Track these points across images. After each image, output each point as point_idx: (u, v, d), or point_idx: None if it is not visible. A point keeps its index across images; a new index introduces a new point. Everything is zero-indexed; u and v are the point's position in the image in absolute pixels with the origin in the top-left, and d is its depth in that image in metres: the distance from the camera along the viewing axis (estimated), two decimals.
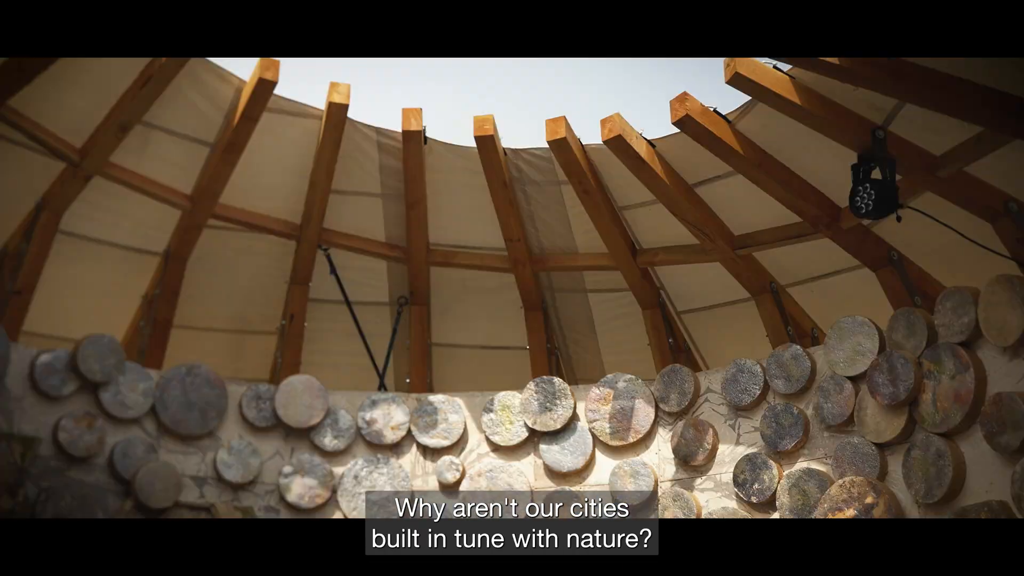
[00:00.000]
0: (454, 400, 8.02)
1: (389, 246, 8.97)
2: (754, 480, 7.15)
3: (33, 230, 7.78)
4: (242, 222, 8.58)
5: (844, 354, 6.99)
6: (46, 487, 6.90)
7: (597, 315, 9.29)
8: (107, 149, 7.68)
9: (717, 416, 7.54)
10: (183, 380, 7.57)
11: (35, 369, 7.12)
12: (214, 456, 7.51)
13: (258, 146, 8.09)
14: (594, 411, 7.78)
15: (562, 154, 7.95)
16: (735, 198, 7.87)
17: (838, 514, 6.59)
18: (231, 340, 9.16)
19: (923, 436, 6.43)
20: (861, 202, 6.56)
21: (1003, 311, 6.09)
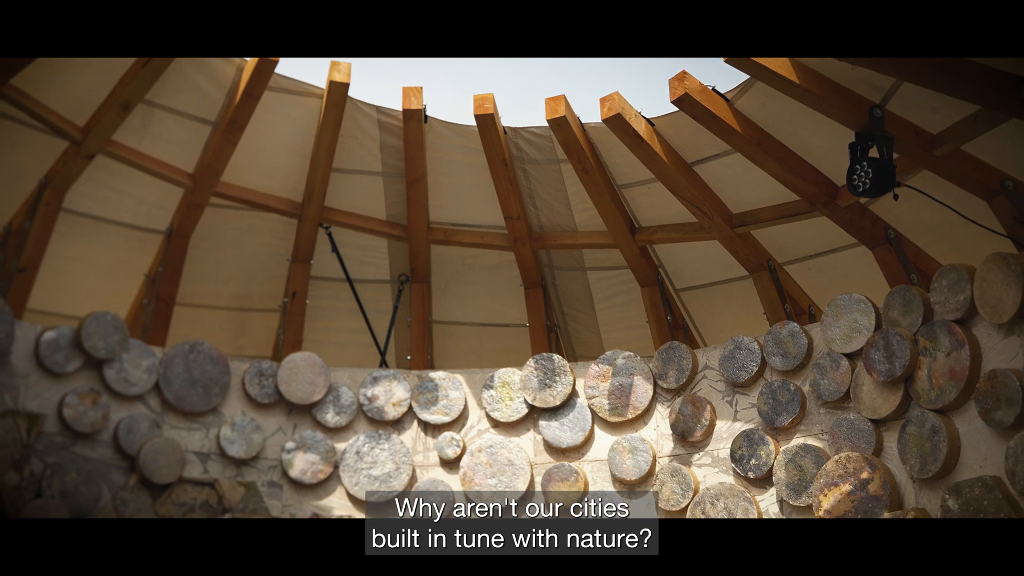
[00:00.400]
0: (454, 377, 8.06)
1: (390, 224, 9.00)
2: (751, 456, 7.20)
3: (37, 208, 7.82)
4: (244, 200, 8.61)
5: (841, 331, 7.04)
6: (52, 462, 6.94)
7: (596, 293, 9.33)
8: (109, 128, 7.71)
9: (715, 392, 7.58)
10: (186, 357, 7.61)
11: (40, 346, 7.15)
12: (217, 432, 7.55)
13: (259, 125, 8.12)
14: (593, 388, 7.83)
15: (561, 133, 7.98)
16: (733, 176, 7.91)
17: (834, 489, 6.65)
18: (233, 318, 9.21)
19: (918, 412, 6.48)
20: (859, 180, 6.58)
21: (998, 289, 6.12)
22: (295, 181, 8.63)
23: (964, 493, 5.99)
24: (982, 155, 6.71)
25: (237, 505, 7.36)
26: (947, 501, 6.07)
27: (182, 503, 7.26)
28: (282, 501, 7.54)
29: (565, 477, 7.56)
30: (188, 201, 8.42)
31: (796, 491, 6.92)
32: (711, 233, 8.25)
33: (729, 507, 7.12)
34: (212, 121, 8.12)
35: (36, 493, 6.82)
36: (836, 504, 6.62)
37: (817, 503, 6.70)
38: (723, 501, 7.15)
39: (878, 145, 6.62)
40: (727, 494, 7.16)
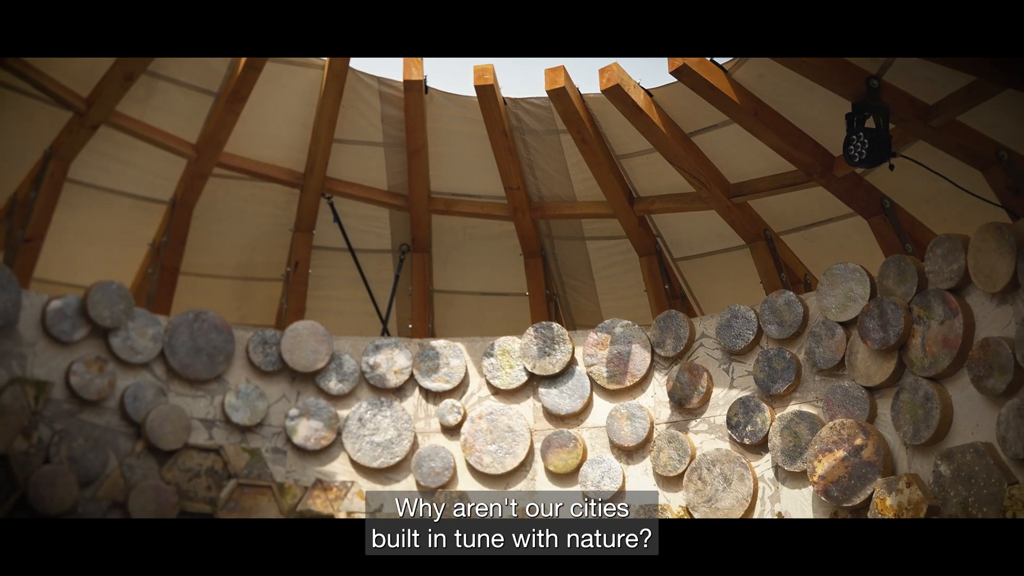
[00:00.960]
0: (455, 345, 8.10)
1: (391, 194, 9.05)
2: (747, 422, 7.26)
3: (42, 179, 7.87)
4: (246, 171, 8.66)
5: (836, 300, 7.08)
6: (59, 429, 7.02)
7: (595, 262, 9.39)
8: (113, 98, 7.75)
9: (711, 360, 7.64)
10: (191, 326, 7.66)
11: (46, 315, 7.19)
12: (222, 399, 7.62)
13: (262, 96, 8.16)
14: (592, 355, 7.89)
15: (561, 103, 8.02)
16: (731, 147, 7.95)
17: (828, 455, 6.73)
18: (237, 287, 9.28)
19: (912, 380, 6.54)
20: (855, 151, 6.60)
21: (992, 258, 6.16)
22: (297, 152, 8.68)
23: (956, 459, 6.07)
24: (977, 126, 6.74)
25: (242, 471, 7.46)
26: (939, 467, 6.16)
27: (188, 469, 7.36)
28: (286, 467, 7.62)
29: (564, 443, 7.65)
30: (191, 171, 8.47)
31: (791, 457, 6.99)
32: (709, 203, 8.30)
33: (725, 472, 7.21)
34: (214, 92, 8.17)
35: (44, 459, 6.90)
36: (830, 469, 6.70)
37: (812, 469, 6.78)
38: (719, 467, 7.24)
39: (874, 116, 6.64)
40: (723, 460, 7.25)
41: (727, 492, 7.17)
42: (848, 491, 6.62)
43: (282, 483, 7.54)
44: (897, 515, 6.27)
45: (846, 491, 6.62)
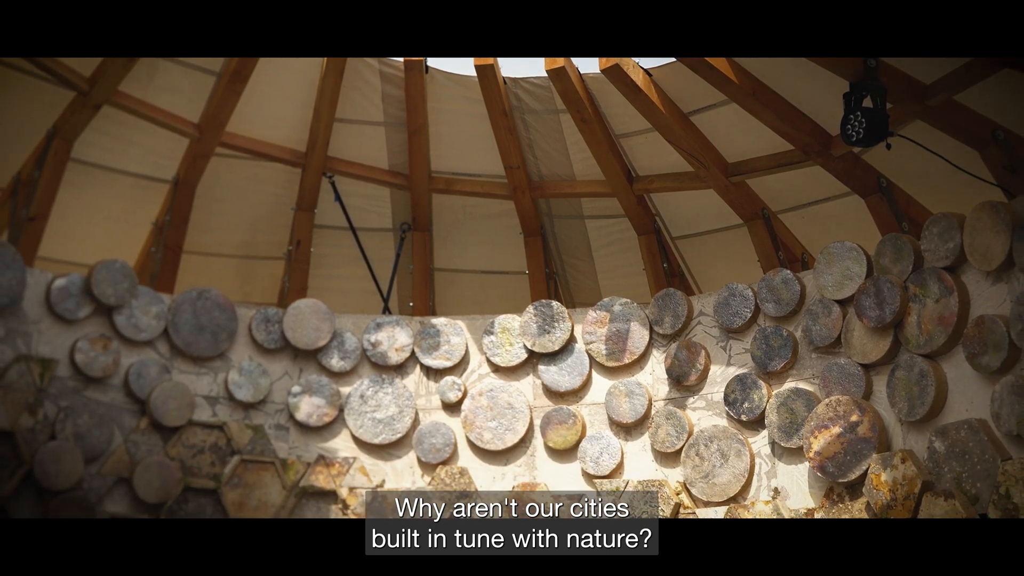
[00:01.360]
0: (456, 323, 8.15)
1: (392, 173, 9.07)
2: (744, 399, 7.32)
3: (45, 158, 7.88)
4: (248, 150, 8.68)
5: (833, 278, 7.12)
6: (65, 406, 7.09)
7: (594, 240, 9.41)
8: (115, 78, 7.76)
9: (709, 338, 7.69)
10: (194, 304, 7.72)
11: (51, 293, 7.26)
12: (225, 377, 7.69)
13: (263, 75, 8.17)
14: (591, 333, 7.93)
15: (561, 83, 8.04)
16: (729, 126, 7.96)
17: (824, 431, 6.79)
18: (240, 265, 9.31)
19: (907, 357, 6.60)
20: (852, 130, 6.60)
21: (987, 237, 6.21)
22: (298, 131, 8.70)
23: (950, 435, 6.14)
24: (974, 105, 6.75)
25: (245, 447, 7.54)
26: (933, 443, 6.23)
27: (192, 445, 7.43)
28: (288, 443, 7.70)
29: (563, 420, 7.72)
30: (194, 151, 8.50)
31: (787, 433, 7.05)
32: (707, 182, 8.32)
33: (722, 449, 7.28)
34: (216, 72, 8.18)
35: (50, 436, 6.98)
36: (826, 446, 6.76)
37: (808, 445, 6.84)
38: (717, 443, 7.31)
39: (872, 95, 6.63)
40: (721, 436, 7.32)
41: (724, 468, 7.25)
42: (844, 467, 6.69)
43: (285, 459, 7.62)
44: (892, 491, 6.33)
45: (842, 467, 6.70)
